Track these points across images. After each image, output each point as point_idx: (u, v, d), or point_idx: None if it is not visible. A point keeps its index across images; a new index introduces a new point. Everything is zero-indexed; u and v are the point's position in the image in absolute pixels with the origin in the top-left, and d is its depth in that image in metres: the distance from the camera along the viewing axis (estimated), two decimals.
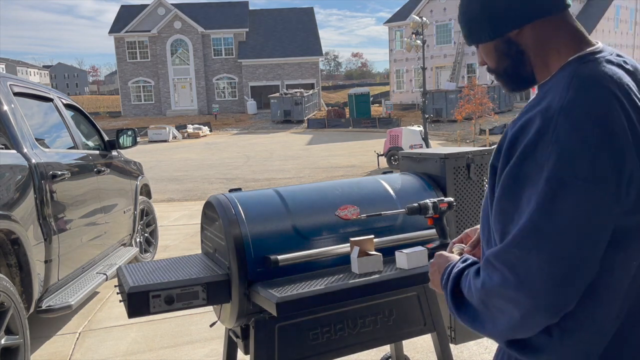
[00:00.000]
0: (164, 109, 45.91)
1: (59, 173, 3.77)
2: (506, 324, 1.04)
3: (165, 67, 45.87)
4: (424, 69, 17.83)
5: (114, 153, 5.36)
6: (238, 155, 20.78)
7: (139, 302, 2.03)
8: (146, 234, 6.13)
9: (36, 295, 3.41)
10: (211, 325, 2.50)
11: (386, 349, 3.07)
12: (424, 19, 17.01)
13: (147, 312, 2.05)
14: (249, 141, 27.17)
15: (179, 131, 32.29)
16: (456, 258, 1.25)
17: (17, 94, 3.79)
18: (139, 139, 6.19)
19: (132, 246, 5.52)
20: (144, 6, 46.67)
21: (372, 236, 2.15)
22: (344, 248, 2.18)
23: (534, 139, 1.00)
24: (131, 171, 5.76)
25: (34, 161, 3.51)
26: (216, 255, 2.31)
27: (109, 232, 4.81)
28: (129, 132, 5.52)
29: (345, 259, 2.16)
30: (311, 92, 40.22)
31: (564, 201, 0.95)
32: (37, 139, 3.80)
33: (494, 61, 1.21)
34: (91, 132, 5.21)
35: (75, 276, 4.08)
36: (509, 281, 0.99)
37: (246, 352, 2.25)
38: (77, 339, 4.05)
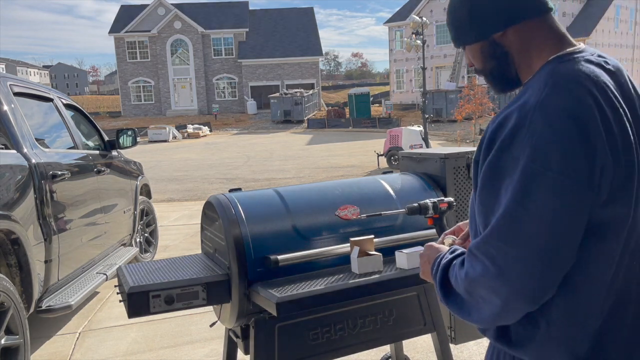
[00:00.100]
0: (164, 109, 45.91)
1: (59, 173, 3.78)
2: (489, 312, 1.08)
3: (165, 67, 45.88)
4: (424, 69, 17.82)
5: (114, 153, 5.36)
6: (238, 155, 20.77)
7: (139, 302, 2.03)
8: (146, 234, 6.14)
9: (36, 295, 3.41)
10: (211, 325, 2.50)
11: (386, 349, 3.07)
12: (424, 19, 17.00)
13: (147, 312, 2.05)
14: (249, 141, 27.17)
15: (179, 131, 32.29)
16: (445, 249, 1.29)
17: (17, 94, 3.79)
18: (139, 139, 6.19)
19: (132, 246, 5.53)
20: (144, 6, 46.68)
21: (372, 236, 2.15)
22: (344, 248, 2.18)
23: (510, 133, 1.04)
24: (131, 171, 5.76)
25: (34, 161, 3.51)
26: (216, 255, 2.31)
27: (109, 232, 4.81)
28: (129, 132, 5.52)
29: (345, 259, 2.16)
30: (311, 92, 40.22)
31: (538, 192, 0.99)
32: (37, 139, 3.80)
33: (480, 62, 1.27)
34: (91, 132, 5.22)
35: (75, 276, 4.08)
36: (489, 271, 1.04)
37: (246, 352, 2.26)
38: (77, 339, 4.05)
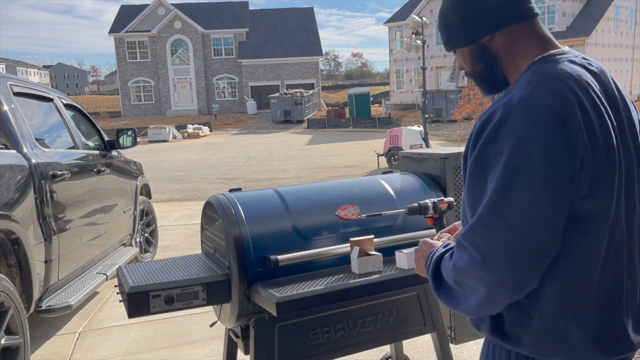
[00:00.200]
0: (164, 109, 45.91)
1: (59, 173, 3.78)
2: (476, 301, 1.11)
3: (165, 67, 45.87)
4: (424, 69, 17.81)
5: (114, 153, 5.36)
6: (238, 155, 20.77)
7: (139, 302, 2.03)
8: (146, 234, 6.14)
9: (36, 295, 3.41)
10: (211, 325, 2.50)
11: (386, 349, 3.07)
12: (424, 19, 16.98)
13: (147, 312, 2.05)
14: (249, 141, 27.16)
15: (179, 131, 32.28)
16: (439, 244, 1.33)
17: (17, 94, 3.79)
18: (139, 139, 6.19)
19: (132, 246, 5.53)
20: (144, 6, 46.67)
21: (372, 236, 2.15)
22: (344, 248, 2.18)
23: (495, 127, 1.09)
24: (131, 171, 5.76)
25: (34, 161, 3.51)
26: (216, 255, 2.31)
27: (109, 232, 4.81)
28: (129, 132, 5.52)
29: (345, 259, 2.16)
30: (311, 92, 40.21)
31: (520, 183, 1.03)
32: (37, 139, 3.80)
33: (470, 65, 1.33)
34: (91, 132, 5.22)
35: (75, 276, 4.08)
36: (475, 260, 1.07)
37: (246, 352, 2.26)
38: (77, 339, 4.05)
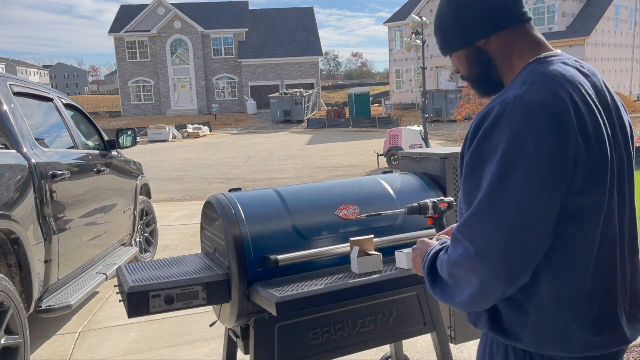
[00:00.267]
0: (164, 109, 45.90)
1: (59, 173, 3.78)
2: (469, 294, 1.12)
3: (165, 67, 45.86)
4: (424, 69, 17.81)
5: (114, 153, 5.36)
6: (238, 155, 20.76)
7: (139, 302, 2.03)
8: (146, 234, 6.14)
9: (36, 295, 3.41)
10: (211, 325, 2.50)
11: (386, 349, 3.07)
12: (424, 19, 17.00)
13: (147, 312, 2.05)
14: (249, 141, 27.16)
15: (179, 131, 32.27)
16: (436, 244, 1.34)
17: (17, 94, 3.79)
18: (139, 139, 6.19)
19: (132, 246, 5.53)
20: (144, 6, 46.66)
21: (372, 236, 2.15)
22: (344, 248, 2.18)
23: (491, 123, 1.12)
24: (131, 171, 5.76)
25: (34, 161, 3.51)
26: (216, 255, 2.31)
27: (109, 232, 4.81)
28: (129, 132, 5.52)
29: (345, 259, 2.16)
30: (311, 92, 40.20)
31: (514, 177, 1.06)
32: (37, 139, 3.80)
33: (466, 69, 1.36)
34: (91, 132, 5.22)
35: (75, 276, 4.08)
36: (469, 252, 1.09)
37: (246, 352, 2.26)
38: (77, 339, 4.05)
